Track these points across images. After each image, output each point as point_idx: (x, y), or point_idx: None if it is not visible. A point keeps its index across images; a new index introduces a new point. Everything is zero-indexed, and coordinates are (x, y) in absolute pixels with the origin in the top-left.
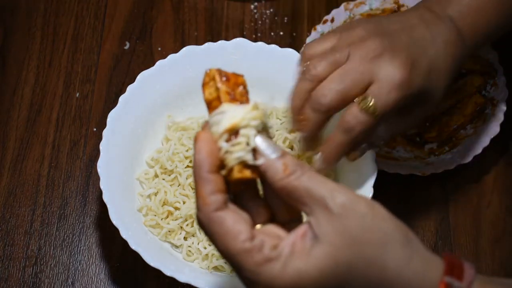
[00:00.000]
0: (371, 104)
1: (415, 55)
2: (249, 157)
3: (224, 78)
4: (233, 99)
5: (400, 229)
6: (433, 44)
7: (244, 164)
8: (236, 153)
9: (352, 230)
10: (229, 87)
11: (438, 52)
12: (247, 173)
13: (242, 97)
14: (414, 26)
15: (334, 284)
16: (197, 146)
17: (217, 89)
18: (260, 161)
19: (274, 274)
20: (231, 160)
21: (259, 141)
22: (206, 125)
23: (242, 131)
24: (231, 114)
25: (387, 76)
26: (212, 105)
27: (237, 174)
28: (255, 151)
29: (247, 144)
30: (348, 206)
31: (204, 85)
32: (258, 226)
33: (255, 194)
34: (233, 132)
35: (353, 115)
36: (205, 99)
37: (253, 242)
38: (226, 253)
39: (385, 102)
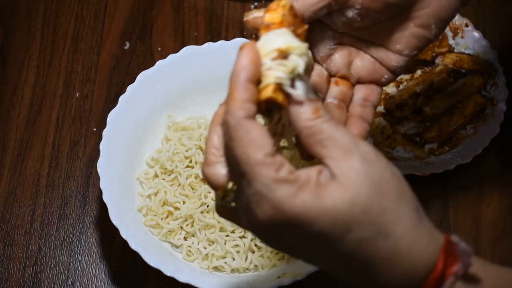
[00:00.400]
0: None
1: None
2: (288, 83)
3: (292, 12)
4: (293, 32)
5: (413, 195)
6: None
7: (279, 88)
8: (279, 72)
9: (373, 177)
10: (294, 22)
11: None
12: (280, 96)
13: (300, 37)
14: None
15: (346, 221)
16: (241, 53)
17: (283, 16)
18: (296, 92)
19: (286, 195)
20: (271, 77)
21: (301, 76)
22: (252, 42)
23: (292, 57)
24: (288, 39)
25: None
26: (270, 27)
27: (271, 92)
28: (293, 83)
29: (292, 71)
30: (372, 155)
31: (269, 10)
32: None
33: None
34: (283, 55)
35: None
36: (264, 20)
37: (274, 159)
38: (245, 161)
39: None
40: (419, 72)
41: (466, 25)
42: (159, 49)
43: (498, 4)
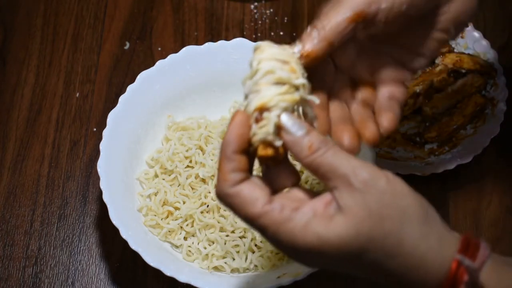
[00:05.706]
0: None
1: None
2: (271, 138)
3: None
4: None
5: (419, 206)
6: None
7: (267, 144)
8: (260, 134)
9: (372, 205)
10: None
11: None
12: (270, 151)
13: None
14: None
15: (354, 251)
16: (230, 126)
17: None
18: (280, 142)
19: (295, 232)
20: (255, 141)
21: (285, 120)
22: (242, 112)
23: (265, 114)
24: (263, 93)
25: None
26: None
27: (261, 151)
28: (280, 129)
29: (271, 129)
30: (369, 182)
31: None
32: (286, 189)
33: (285, 157)
34: (262, 111)
35: None
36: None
37: (272, 205)
38: (248, 219)
39: None
40: (419, 72)
41: (466, 25)
42: (159, 49)
43: (498, 4)
